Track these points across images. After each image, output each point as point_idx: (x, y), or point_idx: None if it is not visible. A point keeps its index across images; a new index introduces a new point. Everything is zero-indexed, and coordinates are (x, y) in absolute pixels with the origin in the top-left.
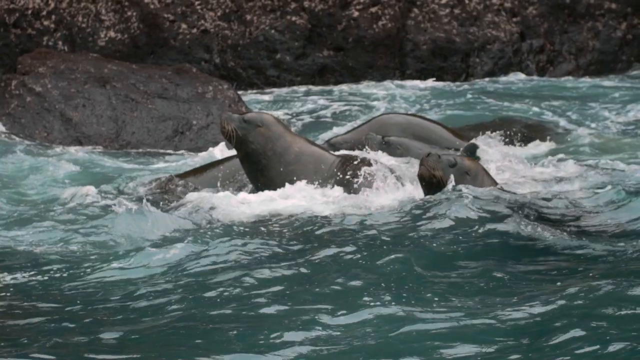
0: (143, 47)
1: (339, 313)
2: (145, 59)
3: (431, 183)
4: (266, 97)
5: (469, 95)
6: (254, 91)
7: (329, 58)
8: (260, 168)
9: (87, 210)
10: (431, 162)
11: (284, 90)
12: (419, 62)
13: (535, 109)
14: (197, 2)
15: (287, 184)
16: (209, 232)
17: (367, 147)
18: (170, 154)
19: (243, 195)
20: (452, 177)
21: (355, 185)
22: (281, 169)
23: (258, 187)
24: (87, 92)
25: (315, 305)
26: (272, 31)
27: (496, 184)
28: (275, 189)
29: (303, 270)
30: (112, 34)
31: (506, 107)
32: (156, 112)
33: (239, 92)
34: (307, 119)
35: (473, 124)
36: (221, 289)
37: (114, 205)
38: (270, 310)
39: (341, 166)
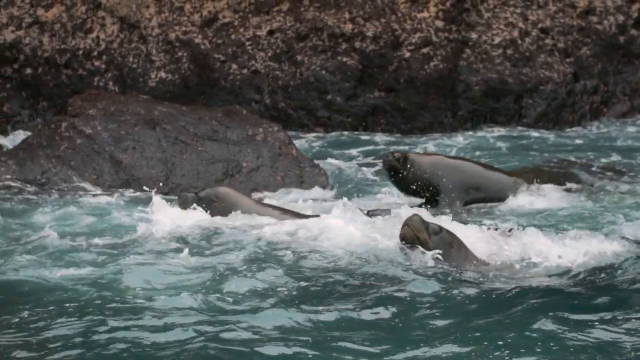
0: (194, 88)
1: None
2: (195, 100)
3: (413, 245)
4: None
5: (525, 142)
6: (304, 133)
7: (380, 99)
8: None
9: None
10: (417, 224)
11: (333, 135)
12: (470, 103)
13: (590, 156)
14: (247, 43)
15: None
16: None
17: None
18: None
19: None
20: (437, 244)
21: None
22: None
23: None
24: (136, 135)
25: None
26: (323, 72)
27: (476, 258)
28: None
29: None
30: (162, 74)
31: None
32: (206, 155)
33: (290, 132)
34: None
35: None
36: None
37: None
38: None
39: None
